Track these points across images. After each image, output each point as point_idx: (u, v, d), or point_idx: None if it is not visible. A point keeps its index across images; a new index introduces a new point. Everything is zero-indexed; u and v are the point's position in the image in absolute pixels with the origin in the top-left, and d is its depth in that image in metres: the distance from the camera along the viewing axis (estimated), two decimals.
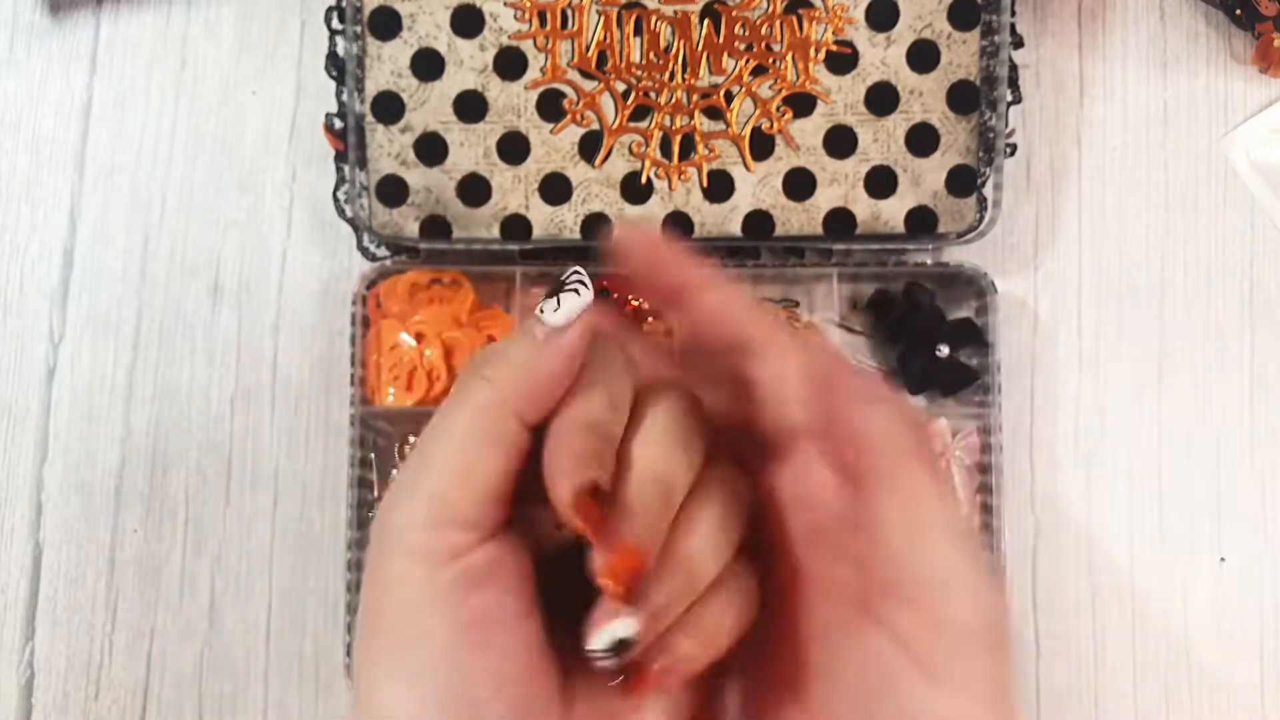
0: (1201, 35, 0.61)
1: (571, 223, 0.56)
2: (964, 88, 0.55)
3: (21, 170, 0.59)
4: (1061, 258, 0.59)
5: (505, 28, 0.55)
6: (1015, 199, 0.59)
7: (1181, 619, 0.57)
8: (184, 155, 0.59)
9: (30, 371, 0.58)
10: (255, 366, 0.58)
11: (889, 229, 0.56)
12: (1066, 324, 0.59)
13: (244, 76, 0.60)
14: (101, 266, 0.59)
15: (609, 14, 0.55)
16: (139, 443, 0.58)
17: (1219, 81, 0.60)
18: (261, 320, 0.59)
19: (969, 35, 0.55)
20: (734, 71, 0.55)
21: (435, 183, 0.56)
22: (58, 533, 0.57)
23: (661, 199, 0.56)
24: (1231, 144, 0.60)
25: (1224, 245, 0.59)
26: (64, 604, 0.57)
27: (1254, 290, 0.59)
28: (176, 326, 0.58)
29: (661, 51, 0.55)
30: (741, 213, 0.56)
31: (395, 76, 0.55)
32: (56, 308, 0.59)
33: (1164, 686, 0.57)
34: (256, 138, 0.60)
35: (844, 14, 0.55)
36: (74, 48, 0.60)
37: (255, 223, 0.59)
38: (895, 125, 0.55)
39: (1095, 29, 0.61)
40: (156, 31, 0.60)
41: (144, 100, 0.60)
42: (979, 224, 0.56)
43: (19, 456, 0.58)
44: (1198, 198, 0.60)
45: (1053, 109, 0.60)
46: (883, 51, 0.55)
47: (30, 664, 0.56)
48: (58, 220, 0.59)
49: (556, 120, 0.55)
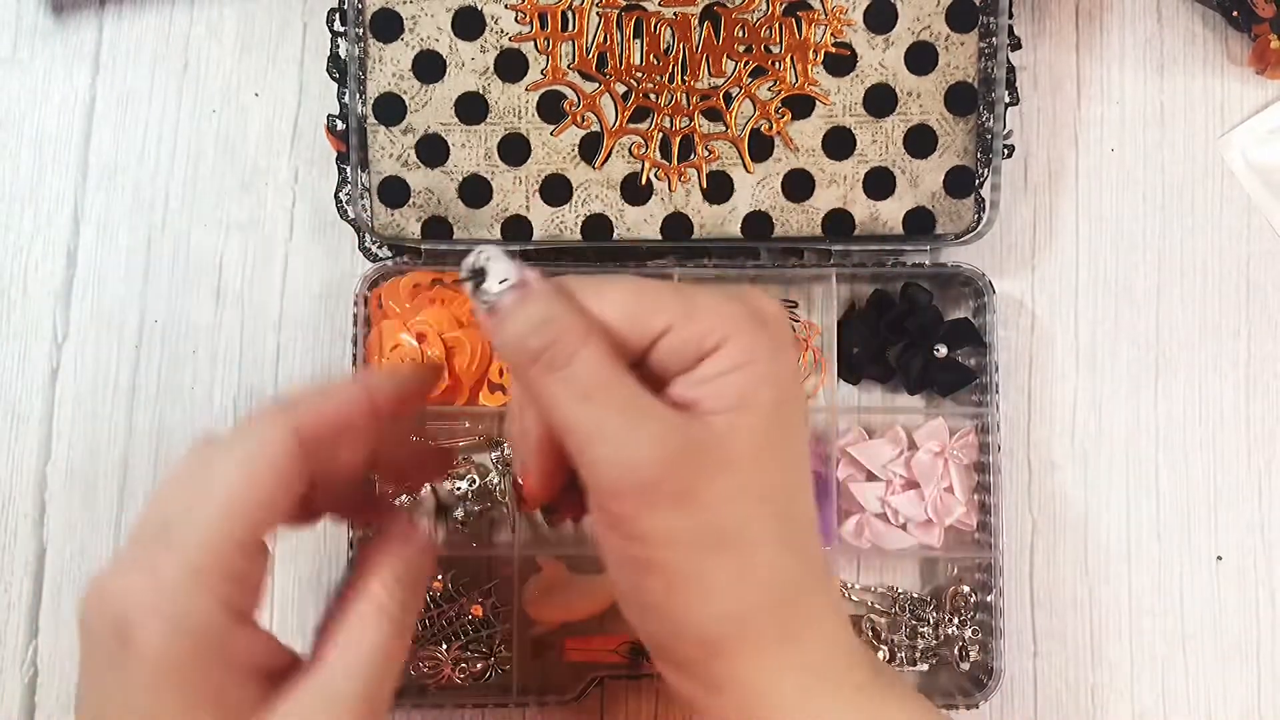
0: (1198, 37, 0.61)
1: (572, 223, 0.56)
2: (962, 89, 0.56)
3: (24, 170, 0.60)
4: (1059, 258, 0.60)
5: (506, 30, 0.55)
6: (1013, 200, 0.60)
7: (1178, 617, 0.58)
8: (187, 156, 0.60)
9: (33, 371, 0.58)
10: (257, 366, 0.59)
11: (887, 230, 0.56)
12: (1064, 324, 0.59)
13: (246, 78, 0.60)
14: (104, 266, 0.59)
15: (609, 16, 0.55)
16: (142, 442, 0.58)
17: (1216, 83, 0.61)
18: (264, 320, 0.59)
19: (967, 37, 0.55)
20: (733, 73, 0.55)
21: (436, 184, 0.56)
22: (61, 532, 0.57)
23: (661, 200, 0.56)
24: (1228, 145, 0.60)
25: (1220, 246, 0.60)
26: (68, 603, 0.57)
27: (1250, 291, 0.59)
28: (179, 326, 0.59)
29: (661, 53, 0.55)
30: (741, 214, 0.56)
31: (397, 78, 0.55)
32: (60, 308, 0.59)
33: (1161, 685, 0.57)
34: (259, 139, 0.60)
35: (843, 16, 0.55)
36: (77, 48, 0.60)
37: (258, 223, 0.59)
38: (893, 127, 0.56)
39: (1093, 30, 0.61)
40: (159, 32, 0.60)
41: (147, 101, 0.60)
42: (977, 225, 0.56)
43: (22, 456, 0.58)
44: (1194, 198, 0.60)
45: (1050, 110, 0.61)
46: (881, 53, 0.55)
47: (34, 663, 0.57)
48: (61, 220, 0.59)
49: (557, 122, 0.56)
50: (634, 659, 0.54)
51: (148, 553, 0.32)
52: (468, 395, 0.56)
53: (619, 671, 0.55)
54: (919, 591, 0.58)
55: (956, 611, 0.56)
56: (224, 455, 0.33)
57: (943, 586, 0.57)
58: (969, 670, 0.56)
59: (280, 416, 0.34)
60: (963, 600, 0.56)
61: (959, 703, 0.55)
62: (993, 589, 0.55)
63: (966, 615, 0.56)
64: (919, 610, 0.57)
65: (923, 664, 0.56)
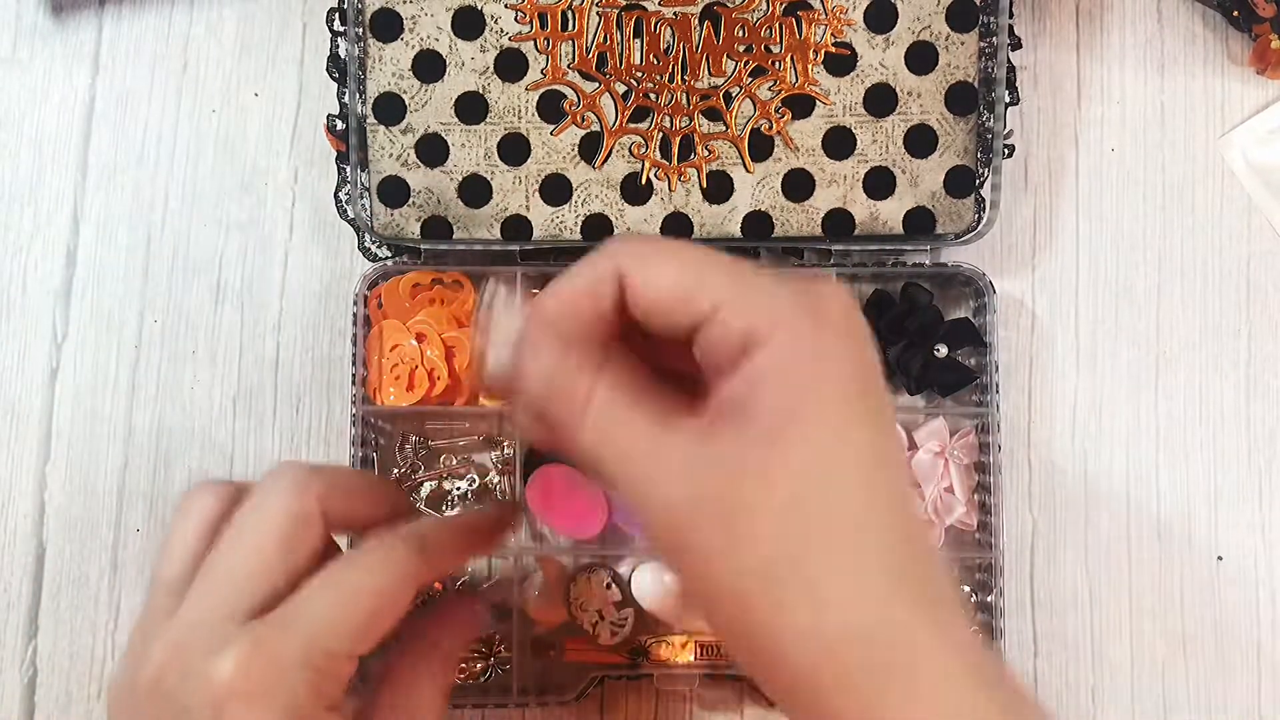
0: (1199, 37, 0.61)
1: (572, 223, 0.56)
2: (962, 89, 0.56)
3: (24, 170, 0.60)
4: (1059, 258, 0.60)
5: (506, 29, 0.55)
6: (1013, 200, 0.60)
7: (1179, 617, 0.58)
8: (186, 156, 0.60)
9: (33, 371, 0.58)
10: (257, 366, 0.59)
11: (887, 230, 0.56)
12: (1064, 324, 0.59)
13: (246, 77, 0.60)
14: (104, 266, 0.59)
15: (609, 16, 0.55)
16: (142, 442, 0.58)
17: (1216, 83, 0.61)
18: (263, 320, 0.59)
19: (967, 37, 0.55)
20: (733, 73, 0.55)
21: (436, 183, 0.56)
22: (60, 532, 0.57)
23: (661, 200, 0.56)
24: (1228, 145, 0.60)
25: (1221, 246, 0.60)
26: (67, 603, 0.57)
27: (1251, 290, 0.59)
28: (179, 326, 0.59)
29: (661, 53, 0.55)
30: (741, 213, 0.56)
31: (396, 78, 0.55)
32: (59, 307, 0.59)
33: (1162, 685, 0.57)
34: (259, 139, 0.60)
35: (843, 16, 0.55)
36: (76, 49, 0.60)
37: (257, 223, 0.59)
38: (894, 126, 0.56)
39: (1093, 30, 0.61)
40: (159, 32, 0.60)
41: (146, 101, 0.60)
42: (977, 225, 0.56)
43: (22, 455, 0.58)
44: (1194, 198, 0.60)
45: (1050, 110, 0.61)
46: (881, 53, 0.55)
47: (33, 663, 0.57)
48: (60, 220, 0.59)
49: (557, 121, 0.56)
50: (634, 659, 0.54)
51: (258, 635, 0.33)
52: (468, 395, 0.56)
53: (619, 671, 0.55)
54: None
55: None
56: (355, 564, 0.35)
57: None
58: None
59: (414, 548, 0.35)
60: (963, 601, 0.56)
61: None
62: (993, 589, 0.55)
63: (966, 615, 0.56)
64: None
65: None
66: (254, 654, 0.32)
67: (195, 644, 0.33)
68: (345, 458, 0.56)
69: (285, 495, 0.35)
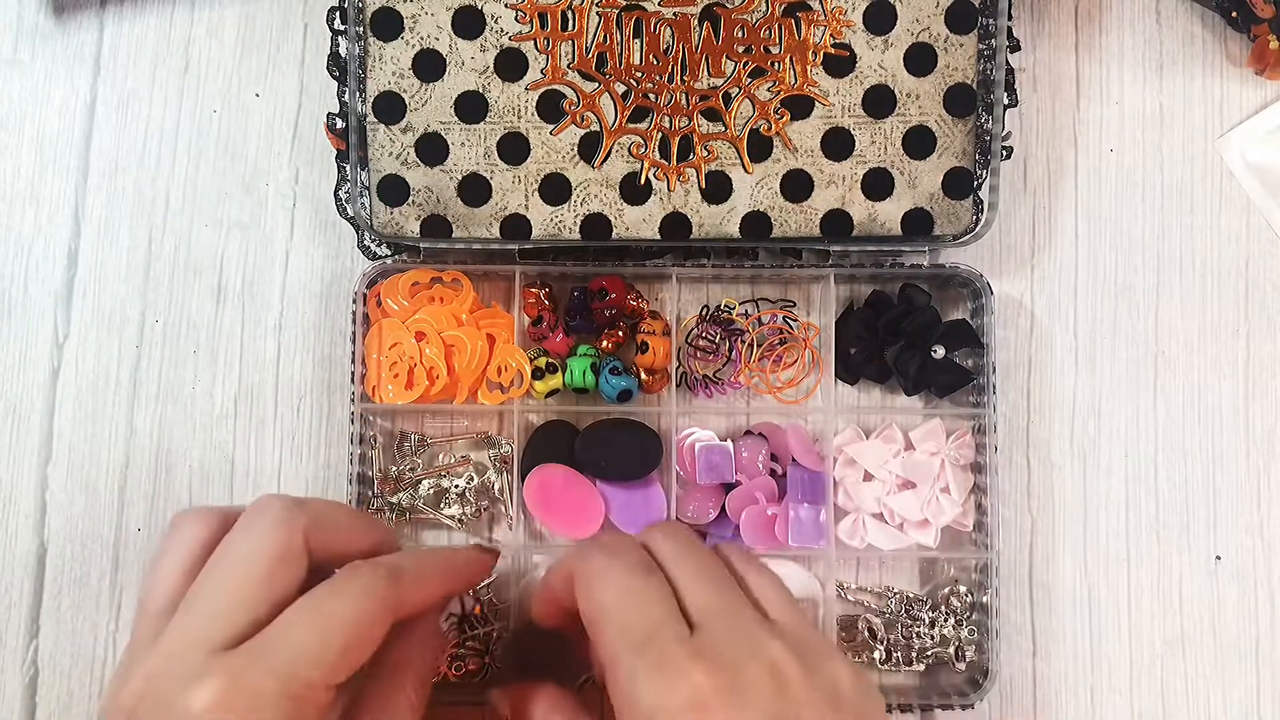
0: (1197, 37, 0.61)
1: (571, 223, 0.56)
2: (961, 91, 0.56)
3: (26, 171, 0.60)
4: (1057, 259, 0.60)
5: (506, 29, 0.55)
6: (1011, 201, 0.60)
7: (1177, 617, 0.58)
8: (187, 156, 0.60)
9: (34, 371, 0.59)
10: (258, 365, 0.59)
11: (886, 231, 0.56)
12: (1062, 325, 0.59)
13: (247, 77, 0.60)
14: (105, 266, 0.59)
15: (609, 16, 0.55)
16: (142, 442, 0.58)
17: (1215, 83, 0.61)
18: (264, 320, 0.59)
19: (966, 39, 0.55)
20: (733, 73, 0.55)
21: (436, 182, 0.56)
22: (61, 532, 0.58)
23: (660, 200, 0.56)
24: (1227, 145, 0.60)
25: (1219, 246, 0.60)
26: (68, 603, 0.57)
27: (1249, 291, 0.59)
28: (180, 326, 0.59)
29: (661, 53, 0.55)
30: (739, 214, 0.56)
31: (397, 77, 0.55)
32: (61, 308, 0.59)
33: (1160, 685, 0.57)
34: (259, 139, 0.60)
35: (842, 17, 0.55)
36: (78, 49, 0.60)
37: (258, 223, 0.60)
38: (892, 128, 0.56)
39: (1092, 31, 0.61)
40: (160, 33, 0.61)
41: (147, 101, 0.60)
42: (975, 226, 0.56)
43: (23, 455, 0.58)
44: (1193, 199, 0.60)
45: (1049, 111, 0.61)
46: (880, 54, 0.55)
47: (34, 662, 0.57)
48: (62, 220, 0.59)
49: (556, 121, 0.56)
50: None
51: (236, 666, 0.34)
52: (467, 394, 0.57)
53: None
54: (915, 592, 0.58)
55: (953, 612, 0.56)
56: (332, 593, 0.36)
57: (939, 587, 0.57)
58: (965, 671, 0.56)
59: (389, 577, 0.38)
60: (959, 600, 0.56)
61: (955, 703, 0.55)
62: (988, 589, 0.55)
63: (963, 615, 0.56)
64: (915, 610, 0.57)
65: (919, 664, 0.56)
66: (232, 685, 0.33)
67: (172, 674, 0.33)
68: (345, 456, 0.56)
69: (271, 529, 0.36)
